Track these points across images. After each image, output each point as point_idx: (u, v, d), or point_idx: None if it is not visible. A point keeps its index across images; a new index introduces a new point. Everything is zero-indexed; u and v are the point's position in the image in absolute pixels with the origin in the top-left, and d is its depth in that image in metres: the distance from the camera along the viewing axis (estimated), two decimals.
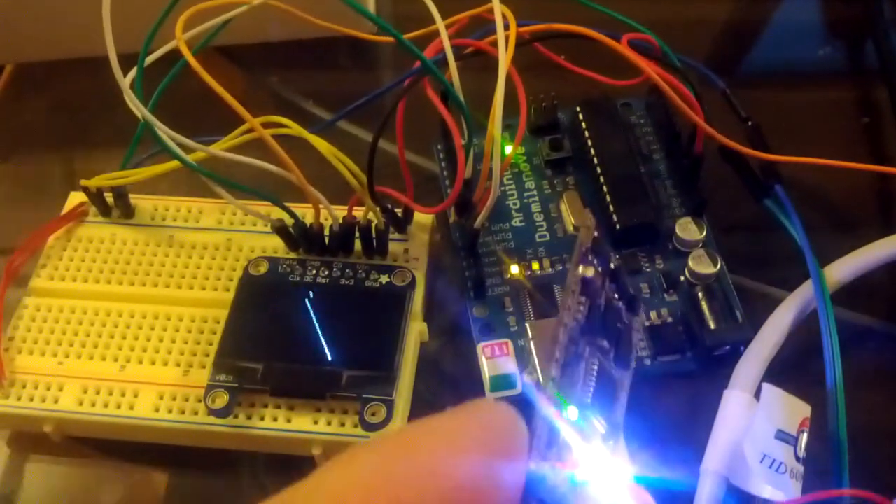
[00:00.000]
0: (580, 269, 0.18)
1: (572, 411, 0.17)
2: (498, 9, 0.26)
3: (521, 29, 0.28)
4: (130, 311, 0.29)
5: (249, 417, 0.27)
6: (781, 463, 0.24)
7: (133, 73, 0.27)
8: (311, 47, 0.38)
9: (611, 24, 0.31)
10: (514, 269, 0.31)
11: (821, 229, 0.29)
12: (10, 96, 0.40)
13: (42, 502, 0.29)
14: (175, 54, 0.27)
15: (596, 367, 0.18)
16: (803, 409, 0.25)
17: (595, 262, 0.19)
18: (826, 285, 0.27)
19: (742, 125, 0.31)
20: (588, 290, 0.19)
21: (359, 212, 0.30)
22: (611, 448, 0.18)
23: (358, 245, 0.30)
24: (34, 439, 0.29)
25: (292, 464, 0.28)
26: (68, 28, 0.37)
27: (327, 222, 0.29)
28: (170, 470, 0.29)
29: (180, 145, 0.26)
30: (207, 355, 0.28)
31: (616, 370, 0.19)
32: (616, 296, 0.20)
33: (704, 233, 0.31)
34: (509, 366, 0.28)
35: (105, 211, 0.32)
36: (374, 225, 0.29)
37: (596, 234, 0.19)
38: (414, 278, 0.29)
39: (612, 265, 0.20)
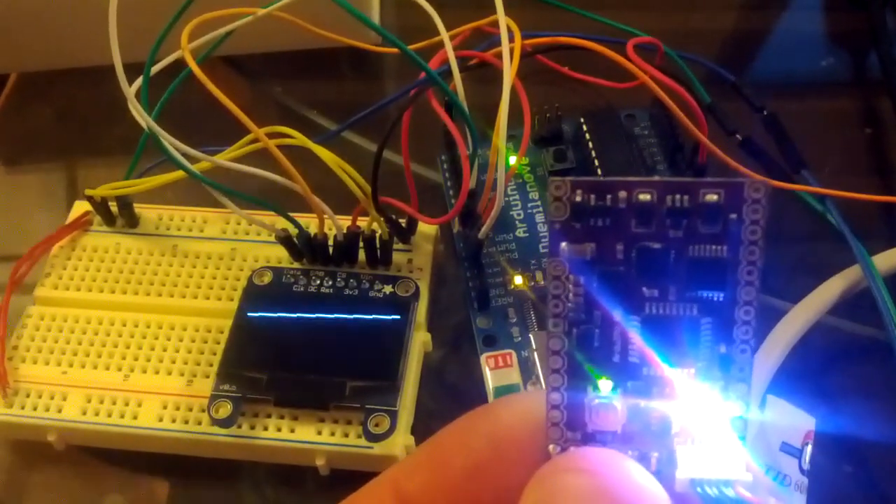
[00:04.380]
0: (562, 247, 0.16)
1: (605, 384, 0.16)
2: (503, 21, 0.26)
3: (525, 41, 0.28)
4: (134, 321, 0.29)
5: (253, 427, 0.27)
6: (786, 475, 0.24)
7: (138, 82, 0.27)
8: (314, 57, 0.38)
9: (615, 33, 0.31)
10: (518, 280, 0.31)
11: (824, 239, 0.29)
12: (14, 105, 0.40)
13: None
14: (179, 64, 0.27)
15: (638, 323, 0.16)
16: (808, 422, 0.25)
17: (581, 226, 0.15)
18: (875, 266, 0.28)
19: (757, 115, 0.31)
20: (578, 268, 0.15)
21: (363, 222, 0.30)
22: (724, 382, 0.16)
23: (362, 255, 0.30)
24: (37, 448, 0.29)
25: (294, 474, 0.28)
26: (72, 37, 0.37)
27: (331, 232, 0.29)
28: (172, 479, 0.29)
29: (185, 155, 0.26)
30: (211, 365, 0.28)
31: (692, 305, 0.16)
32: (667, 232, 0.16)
33: None
34: (513, 377, 0.28)
35: (109, 220, 0.32)
36: (377, 235, 0.29)
37: (577, 196, 0.15)
38: (418, 288, 0.29)
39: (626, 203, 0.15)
